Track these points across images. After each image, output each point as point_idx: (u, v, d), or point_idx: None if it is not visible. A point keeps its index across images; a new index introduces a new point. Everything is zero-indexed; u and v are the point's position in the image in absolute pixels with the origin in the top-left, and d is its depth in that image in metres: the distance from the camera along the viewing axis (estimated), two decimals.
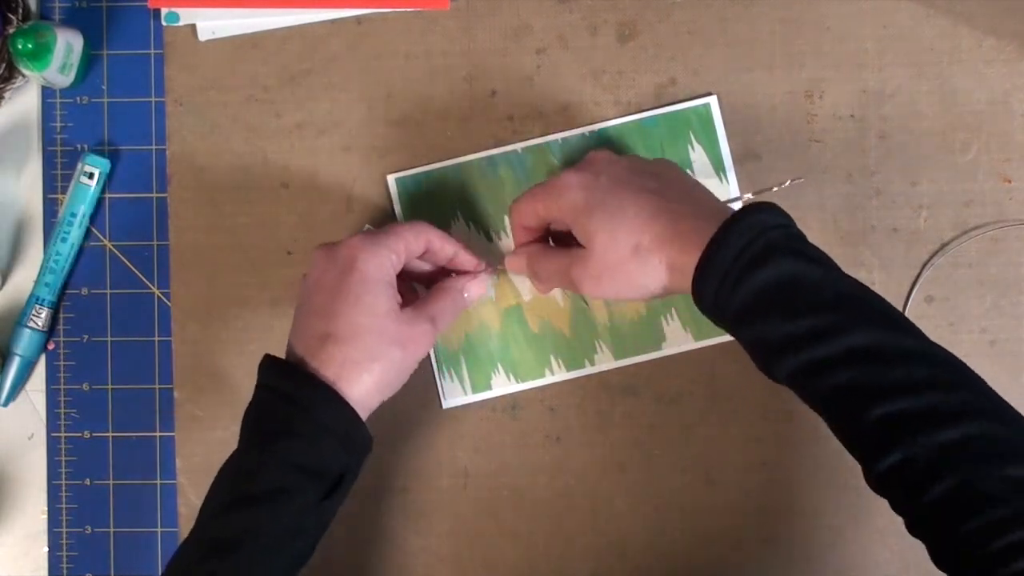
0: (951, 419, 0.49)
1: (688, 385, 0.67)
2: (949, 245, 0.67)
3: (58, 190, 0.69)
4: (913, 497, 0.50)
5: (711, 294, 0.54)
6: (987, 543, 0.47)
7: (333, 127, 0.68)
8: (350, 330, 0.58)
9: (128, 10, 0.68)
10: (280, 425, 0.57)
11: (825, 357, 0.51)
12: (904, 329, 0.53)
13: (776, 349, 0.53)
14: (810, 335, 0.52)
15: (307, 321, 0.59)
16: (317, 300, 0.58)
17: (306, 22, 0.68)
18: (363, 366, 0.58)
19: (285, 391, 0.57)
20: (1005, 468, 0.48)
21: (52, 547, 0.69)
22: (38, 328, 0.68)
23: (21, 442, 0.69)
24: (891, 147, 0.67)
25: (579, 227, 0.59)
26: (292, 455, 0.56)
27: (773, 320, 0.53)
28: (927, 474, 0.49)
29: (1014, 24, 0.67)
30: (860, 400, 0.51)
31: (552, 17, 0.67)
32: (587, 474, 0.68)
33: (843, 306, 0.52)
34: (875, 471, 0.51)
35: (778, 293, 0.53)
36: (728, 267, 0.53)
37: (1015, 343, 0.67)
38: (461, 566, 0.68)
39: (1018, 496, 0.47)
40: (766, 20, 0.67)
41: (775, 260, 0.53)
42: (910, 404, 0.50)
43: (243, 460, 0.58)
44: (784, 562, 0.67)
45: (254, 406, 0.59)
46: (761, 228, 0.53)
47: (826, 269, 0.54)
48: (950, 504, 0.48)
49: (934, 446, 0.49)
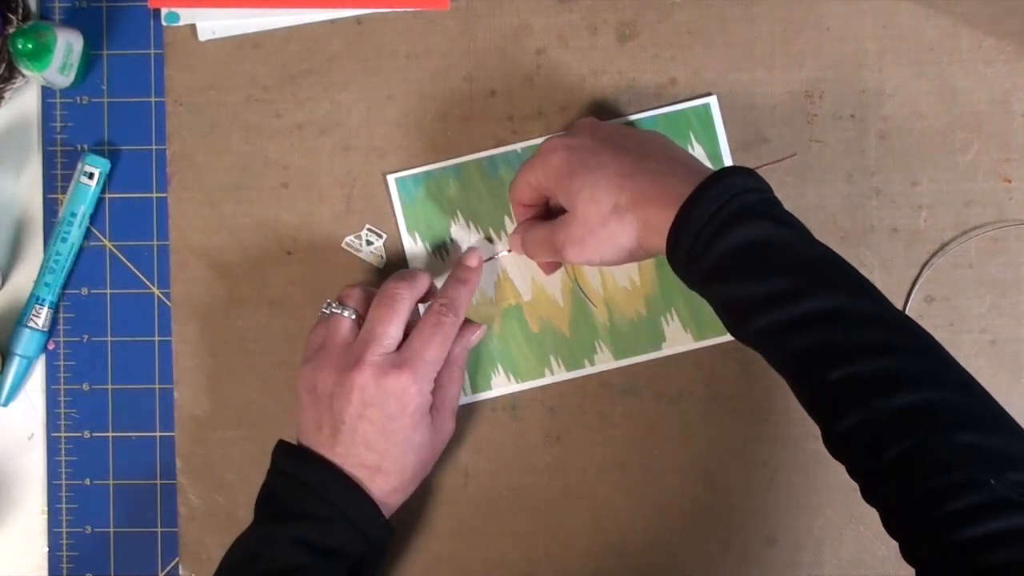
0: (909, 384, 0.49)
1: (688, 385, 0.67)
2: (949, 245, 0.67)
3: (58, 190, 0.69)
4: (868, 460, 0.50)
5: (684, 253, 0.55)
6: (938, 508, 0.47)
7: (333, 127, 0.68)
8: (398, 467, 0.61)
9: (128, 10, 0.68)
10: (294, 506, 0.59)
11: (789, 319, 0.52)
12: (870, 295, 0.53)
13: (743, 309, 0.54)
14: (776, 297, 0.52)
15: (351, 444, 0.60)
16: (365, 429, 0.60)
17: (306, 22, 0.68)
18: (403, 490, 0.62)
19: (300, 476, 0.59)
20: (960, 434, 0.48)
21: (52, 547, 0.69)
22: (38, 328, 0.68)
23: (21, 442, 0.69)
24: (891, 147, 0.67)
25: (563, 190, 0.60)
26: (305, 535, 0.58)
27: (742, 281, 0.53)
28: (883, 437, 0.49)
29: (1014, 24, 0.67)
30: (821, 362, 0.51)
31: (552, 17, 0.67)
32: (587, 474, 0.68)
33: (811, 270, 0.53)
34: (833, 433, 0.51)
35: (748, 254, 0.53)
36: (702, 227, 0.54)
37: (1015, 343, 0.67)
38: (461, 566, 0.68)
39: (971, 462, 0.47)
40: (766, 20, 0.67)
41: (748, 222, 0.53)
42: (869, 367, 0.50)
43: (255, 539, 0.60)
44: (784, 562, 0.67)
45: (267, 489, 0.61)
46: (737, 190, 0.54)
47: (798, 233, 0.54)
48: (904, 468, 0.49)
49: (891, 410, 0.49)
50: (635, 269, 0.67)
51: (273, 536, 0.59)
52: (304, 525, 0.58)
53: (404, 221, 0.68)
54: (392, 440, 0.60)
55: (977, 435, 0.48)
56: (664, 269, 0.67)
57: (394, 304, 0.61)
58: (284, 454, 0.62)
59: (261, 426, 0.68)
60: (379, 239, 0.68)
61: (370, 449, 0.60)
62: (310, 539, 0.58)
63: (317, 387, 0.61)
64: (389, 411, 0.60)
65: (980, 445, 0.48)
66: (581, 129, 0.62)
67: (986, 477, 0.47)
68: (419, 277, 0.63)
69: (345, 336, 0.62)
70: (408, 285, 0.62)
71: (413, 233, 0.68)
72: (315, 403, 0.61)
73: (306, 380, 0.62)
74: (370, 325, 0.61)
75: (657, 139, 0.62)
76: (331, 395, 0.60)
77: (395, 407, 0.60)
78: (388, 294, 0.62)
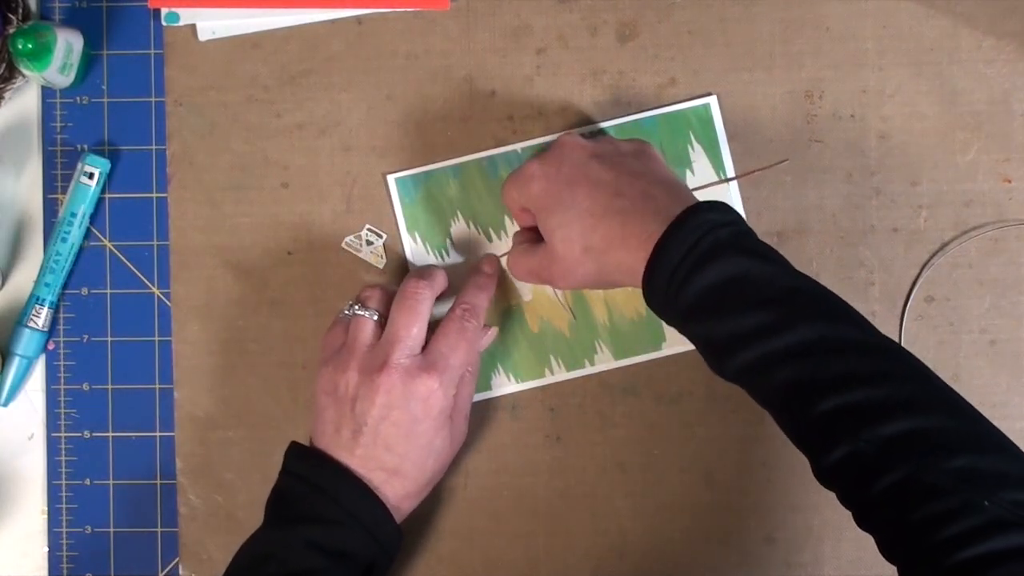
0: (895, 412, 0.49)
1: (688, 385, 0.67)
2: (949, 245, 0.67)
3: (58, 190, 0.69)
4: (860, 491, 0.50)
5: (660, 295, 0.54)
6: (934, 534, 0.47)
7: (333, 127, 0.68)
8: (417, 471, 0.61)
9: (128, 10, 0.68)
10: (306, 509, 0.59)
11: (771, 352, 0.51)
12: (851, 322, 0.53)
13: (724, 346, 0.53)
14: (756, 331, 0.52)
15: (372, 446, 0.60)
16: (388, 431, 0.60)
17: (306, 22, 0.68)
18: (417, 494, 0.62)
19: (312, 478, 0.59)
20: (951, 460, 0.48)
21: (52, 547, 0.69)
22: (38, 328, 0.68)
23: (21, 442, 0.69)
24: (891, 147, 0.67)
25: (541, 223, 0.60)
26: (317, 537, 0.58)
27: (720, 318, 0.53)
28: (873, 468, 0.49)
29: (1014, 24, 0.67)
30: (805, 395, 0.51)
31: (552, 17, 0.67)
32: (587, 474, 0.68)
33: (789, 301, 0.52)
34: (822, 466, 0.51)
35: (725, 290, 0.53)
36: (675, 267, 0.53)
37: (1015, 343, 0.67)
38: (461, 566, 0.68)
39: (964, 486, 0.47)
40: (766, 20, 0.67)
41: (722, 258, 0.53)
42: (854, 397, 0.50)
43: (265, 541, 0.59)
44: (783, 561, 0.67)
45: (278, 491, 0.61)
46: (708, 227, 0.53)
47: (773, 265, 0.54)
48: (897, 497, 0.48)
49: (879, 440, 0.49)
50: None
51: (284, 538, 0.58)
52: (316, 528, 0.58)
53: (404, 221, 0.68)
54: (415, 443, 0.60)
55: (968, 458, 0.48)
56: None
57: (417, 305, 0.61)
58: (296, 456, 0.61)
59: (261, 426, 0.68)
60: (379, 239, 0.68)
61: (390, 452, 0.60)
62: (322, 542, 0.58)
63: (338, 389, 0.61)
64: (414, 414, 0.60)
65: (972, 468, 0.48)
66: (560, 151, 0.60)
67: (980, 499, 0.46)
68: (437, 275, 0.63)
69: (368, 337, 0.61)
70: (427, 284, 0.62)
71: (413, 233, 0.68)
72: (335, 405, 0.61)
73: (325, 382, 0.61)
74: (394, 327, 0.61)
75: (636, 163, 0.60)
76: (354, 397, 0.60)
77: (420, 410, 0.60)
78: (409, 294, 0.61)
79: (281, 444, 0.67)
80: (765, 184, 0.67)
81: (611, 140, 0.62)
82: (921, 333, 0.67)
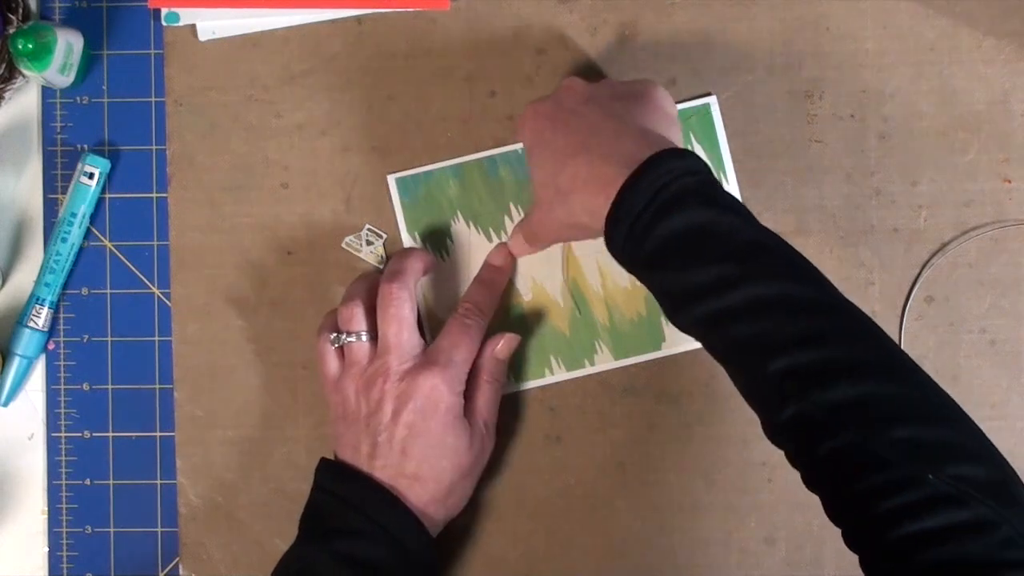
0: (846, 375, 0.49)
1: (688, 385, 0.67)
2: (949, 245, 0.67)
3: (58, 190, 0.69)
4: (807, 453, 0.50)
5: (621, 240, 0.53)
6: (876, 505, 0.47)
7: (333, 127, 0.68)
8: (435, 473, 0.61)
9: (128, 10, 0.68)
10: (336, 523, 0.59)
11: (728, 307, 0.51)
12: (811, 281, 0.52)
13: (681, 297, 0.52)
14: (714, 284, 0.51)
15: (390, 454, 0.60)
16: (401, 435, 0.60)
17: (306, 22, 0.68)
18: (442, 500, 0.62)
19: (339, 492, 0.60)
20: (898, 428, 0.47)
21: (52, 547, 0.69)
22: (38, 328, 0.68)
23: (21, 442, 0.69)
24: (891, 147, 0.67)
25: (529, 165, 0.60)
26: (346, 550, 0.58)
27: (680, 268, 0.52)
28: (819, 431, 0.49)
29: (1014, 24, 0.67)
30: (758, 352, 0.50)
31: (552, 17, 0.67)
32: (587, 474, 0.68)
33: (750, 256, 0.51)
34: (771, 423, 0.51)
35: (686, 241, 0.52)
36: (638, 213, 0.52)
37: (1015, 343, 0.67)
38: (461, 566, 0.68)
39: (908, 458, 0.47)
40: (766, 20, 0.67)
41: (686, 207, 0.51)
42: (807, 358, 0.49)
43: (298, 557, 0.60)
44: (784, 561, 0.67)
45: (310, 507, 0.61)
46: (675, 174, 0.52)
47: (738, 216, 0.53)
48: (842, 463, 0.48)
49: (826, 404, 0.48)
50: None
51: (316, 553, 0.59)
52: (345, 540, 0.58)
53: (404, 221, 0.68)
54: (427, 442, 0.60)
55: (915, 428, 0.48)
56: None
57: (398, 310, 0.61)
58: (325, 471, 0.62)
59: (261, 426, 0.68)
60: (379, 239, 0.68)
61: (407, 456, 0.60)
62: (351, 553, 0.58)
63: (348, 410, 0.61)
64: (422, 411, 0.60)
65: (918, 439, 0.47)
66: (558, 93, 0.60)
67: (924, 472, 0.46)
68: (407, 270, 0.63)
69: (365, 357, 0.62)
70: (400, 283, 0.62)
71: (413, 233, 0.68)
72: (351, 426, 0.61)
73: (336, 408, 0.62)
74: (384, 339, 0.61)
75: (622, 107, 0.58)
76: (367, 414, 0.61)
77: (427, 406, 0.60)
78: (388, 300, 0.62)
79: (281, 444, 0.68)
80: (765, 184, 0.67)
81: (610, 82, 0.61)
82: (921, 333, 0.67)
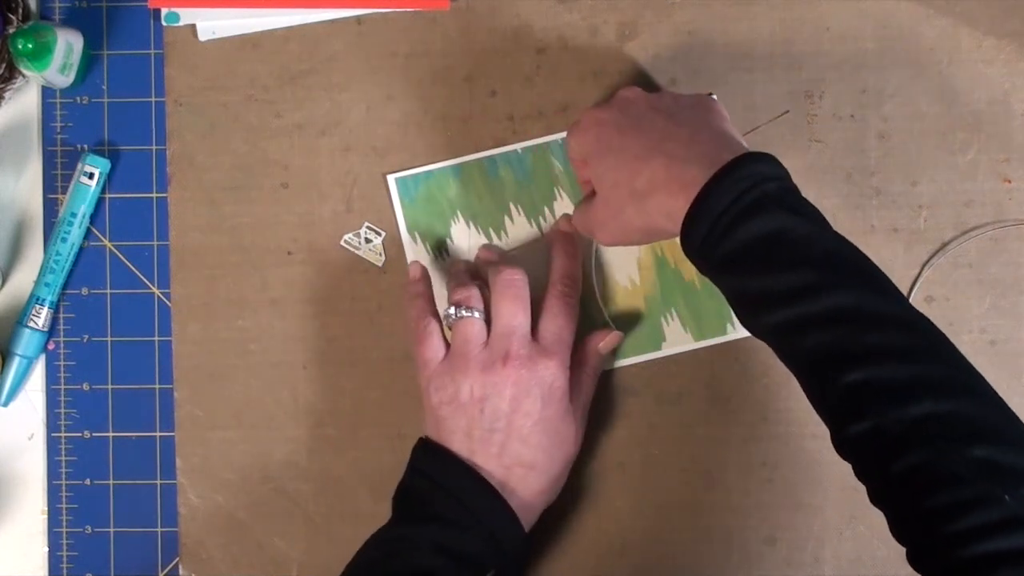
0: (924, 392, 0.48)
1: (688, 385, 0.67)
2: (949, 245, 0.67)
3: (58, 190, 0.69)
4: (878, 468, 0.49)
5: (698, 241, 0.53)
6: (949, 523, 0.46)
7: (333, 127, 0.68)
8: (550, 462, 0.61)
9: (128, 10, 0.68)
10: (435, 509, 0.59)
11: (804, 315, 0.51)
12: (888, 293, 0.52)
13: (757, 303, 0.53)
14: (791, 292, 0.51)
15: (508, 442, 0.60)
16: (522, 423, 0.60)
17: (306, 22, 0.68)
18: (551, 490, 0.62)
19: (438, 478, 0.60)
20: (972, 448, 0.47)
21: (52, 547, 0.69)
22: (38, 328, 0.68)
23: (21, 442, 0.69)
24: (891, 147, 0.67)
25: (592, 171, 0.60)
26: (442, 539, 0.58)
27: (757, 274, 0.52)
28: (895, 447, 0.48)
29: (1014, 24, 0.67)
30: (835, 363, 0.50)
31: (552, 17, 0.67)
32: (587, 474, 0.68)
33: (828, 264, 0.51)
34: (843, 436, 0.50)
35: (765, 246, 0.52)
36: (718, 216, 0.52)
37: (1015, 343, 0.67)
38: None
39: (982, 477, 0.46)
40: (766, 20, 0.67)
41: (766, 212, 0.52)
42: (885, 372, 0.49)
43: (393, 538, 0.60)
44: (784, 562, 0.67)
45: (405, 487, 0.61)
46: (756, 179, 0.52)
47: (816, 225, 0.53)
48: (914, 479, 0.48)
49: (905, 419, 0.48)
50: (635, 269, 0.67)
51: (411, 536, 0.58)
52: (442, 529, 0.58)
53: (404, 221, 0.68)
54: (546, 431, 0.60)
55: (992, 449, 0.47)
56: (664, 269, 0.67)
57: (519, 291, 0.61)
58: (424, 452, 0.61)
59: (261, 426, 0.68)
60: (378, 237, 0.68)
61: (526, 444, 0.60)
62: (447, 543, 0.58)
63: (460, 395, 0.60)
64: (544, 398, 0.60)
65: (995, 459, 0.47)
66: (618, 103, 0.61)
67: (999, 493, 0.46)
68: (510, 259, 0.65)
69: (480, 337, 0.61)
70: (519, 269, 0.62)
71: (413, 233, 0.68)
72: (461, 413, 0.60)
73: (442, 393, 0.61)
74: (504, 319, 0.61)
75: (690, 113, 0.59)
76: (481, 398, 0.60)
77: (547, 394, 0.60)
78: (507, 282, 0.61)
79: (281, 444, 0.68)
80: None
81: (671, 93, 0.62)
82: None
